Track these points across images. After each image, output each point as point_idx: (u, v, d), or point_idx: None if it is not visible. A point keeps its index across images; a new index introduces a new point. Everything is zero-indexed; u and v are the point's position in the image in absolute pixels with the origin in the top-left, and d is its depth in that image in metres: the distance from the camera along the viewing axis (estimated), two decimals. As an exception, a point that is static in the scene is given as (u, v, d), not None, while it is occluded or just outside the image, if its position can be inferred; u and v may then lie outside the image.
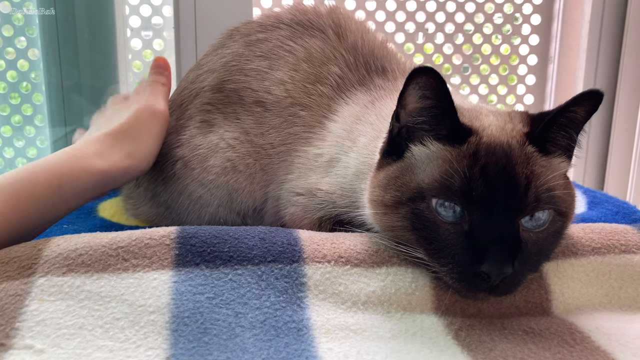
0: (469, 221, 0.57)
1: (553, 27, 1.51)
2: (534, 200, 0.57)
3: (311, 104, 0.83)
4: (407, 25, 1.46)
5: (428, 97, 0.59)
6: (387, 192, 0.62)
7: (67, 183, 0.68)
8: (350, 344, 0.52)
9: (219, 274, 0.57)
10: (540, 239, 0.58)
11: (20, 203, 0.64)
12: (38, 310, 0.51)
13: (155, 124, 0.82)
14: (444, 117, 0.60)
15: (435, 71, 0.57)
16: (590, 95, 0.59)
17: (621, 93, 1.43)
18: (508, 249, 0.55)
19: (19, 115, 1.36)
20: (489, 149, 0.59)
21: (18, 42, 1.32)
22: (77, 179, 0.70)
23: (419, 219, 0.59)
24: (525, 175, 0.57)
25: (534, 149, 0.60)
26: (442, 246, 0.57)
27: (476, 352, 0.52)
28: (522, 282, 0.58)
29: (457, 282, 0.57)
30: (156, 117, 0.82)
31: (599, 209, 0.83)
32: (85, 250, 0.57)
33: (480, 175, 0.57)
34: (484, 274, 0.54)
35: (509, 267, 0.54)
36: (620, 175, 1.48)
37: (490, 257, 0.54)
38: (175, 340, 0.50)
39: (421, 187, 0.59)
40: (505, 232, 0.56)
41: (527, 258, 0.57)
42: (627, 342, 0.54)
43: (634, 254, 0.64)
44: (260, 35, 0.88)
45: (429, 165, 0.60)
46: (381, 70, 0.85)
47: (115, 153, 0.75)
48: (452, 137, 0.60)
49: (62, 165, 0.69)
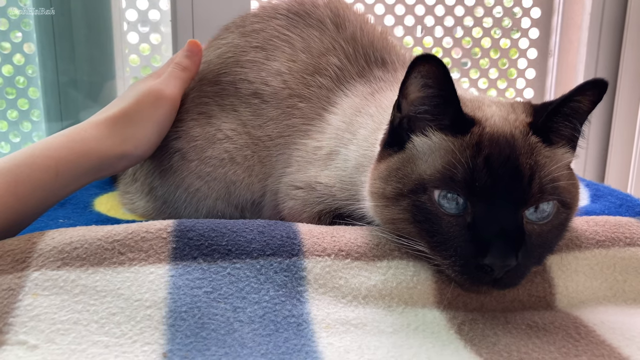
0: (472, 213, 0.56)
1: (553, 21, 1.50)
2: (538, 191, 0.56)
3: (310, 95, 0.82)
4: (406, 18, 1.45)
5: (430, 86, 0.58)
6: (388, 184, 0.61)
7: (64, 168, 0.68)
8: (351, 338, 0.51)
9: (217, 267, 0.56)
10: (545, 232, 0.58)
11: (19, 189, 0.63)
12: (32, 305, 0.50)
13: (159, 110, 0.79)
14: (446, 106, 0.59)
15: (438, 59, 0.56)
16: (594, 84, 0.58)
17: (622, 86, 1.43)
18: (512, 241, 0.54)
19: (15, 110, 1.35)
20: (492, 139, 0.58)
21: (14, 36, 1.30)
22: (75, 163, 0.69)
23: (421, 211, 0.58)
24: (529, 165, 0.56)
25: (538, 139, 0.59)
26: (445, 239, 0.56)
27: (479, 346, 0.51)
28: (526, 275, 0.57)
29: (460, 275, 0.56)
30: (160, 103, 0.79)
31: (602, 201, 0.82)
32: (81, 244, 0.56)
33: (484, 165, 0.56)
34: (487, 266, 0.54)
35: (512, 259, 0.53)
36: (621, 168, 1.47)
37: (494, 250, 0.53)
38: (172, 335, 0.49)
39: (423, 178, 0.58)
40: (509, 225, 0.55)
41: (531, 251, 0.56)
42: (632, 336, 0.53)
43: (638, 247, 0.63)
44: (256, 25, 0.87)
45: (431, 156, 0.59)
46: (381, 62, 0.83)
47: (113, 137, 0.74)
48: (454, 127, 0.59)
49: (60, 150, 0.68)
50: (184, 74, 0.83)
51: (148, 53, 1.40)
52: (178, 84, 0.82)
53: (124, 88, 1.39)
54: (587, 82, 0.58)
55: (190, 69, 0.84)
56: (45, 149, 0.67)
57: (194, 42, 0.85)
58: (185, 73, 0.83)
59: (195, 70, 0.85)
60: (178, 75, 0.82)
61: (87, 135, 0.72)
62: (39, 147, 0.67)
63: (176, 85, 0.81)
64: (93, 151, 0.71)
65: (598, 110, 1.45)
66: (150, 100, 0.78)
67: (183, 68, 0.83)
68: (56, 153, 0.68)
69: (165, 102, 0.79)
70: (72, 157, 0.69)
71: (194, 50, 0.85)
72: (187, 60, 0.84)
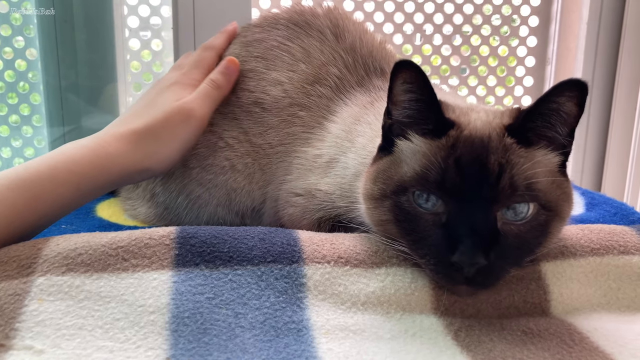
0: (446, 212, 0.57)
1: (551, 29, 1.52)
2: (509, 188, 0.56)
3: (310, 104, 0.83)
4: (406, 26, 1.46)
5: (412, 91, 0.60)
6: (375, 185, 0.63)
7: (85, 183, 0.67)
8: (349, 344, 0.52)
9: (219, 274, 0.57)
10: (522, 232, 0.58)
11: (39, 204, 0.63)
12: (37, 310, 0.51)
13: (186, 130, 0.76)
14: (428, 111, 0.61)
15: (415, 65, 0.58)
16: (570, 84, 0.57)
17: (618, 95, 1.44)
18: (481, 239, 0.55)
19: (16, 115, 1.36)
20: (467, 140, 0.59)
21: (16, 41, 1.31)
22: (97, 178, 0.68)
23: (401, 211, 0.59)
24: (499, 163, 0.57)
25: (513, 140, 0.59)
26: (421, 237, 0.58)
27: (475, 352, 0.52)
28: (503, 276, 0.58)
29: (435, 274, 0.57)
30: (189, 122, 0.76)
31: (597, 210, 0.83)
32: (85, 250, 0.57)
33: (454, 165, 0.57)
34: (457, 264, 0.54)
35: (479, 257, 0.54)
36: (617, 177, 1.48)
37: (462, 247, 0.54)
38: (175, 340, 0.50)
39: (403, 180, 0.60)
40: (480, 223, 0.55)
41: (507, 251, 0.57)
42: (625, 343, 0.54)
43: (632, 255, 0.64)
44: (258, 35, 0.88)
45: (412, 159, 0.61)
46: (380, 71, 0.85)
47: (137, 154, 0.72)
48: (435, 131, 0.61)
49: (84, 166, 0.67)
50: (217, 93, 0.81)
51: (149, 59, 1.41)
52: (210, 103, 0.79)
53: (126, 94, 1.40)
54: (562, 82, 0.58)
55: (224, 88, 0.81)
56: (68, 162, 0.66)
57: (232, 61, 0.83)
58: (218, 92, 0.81)
59: (228, 90, 0.83)
60: (211, 94, 0.80)
61: (112, 150, 0.70)
62: (62, 160, 0.66)
63: (208, 105, 0.79)
64: (115, 167, 0.70)
65: (595, 118, 1.47)
66: (180, 119, 0.76)
67: (217, 86, 0.81)
68: (79, 168, 0.67)
69: (194, 122, 0.77)
70: (95, 172, 0.68)
71: (232, 69, 0.82)
72: (222, 78, 0.81)
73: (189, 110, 0.76)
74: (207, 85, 0.80)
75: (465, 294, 0.59)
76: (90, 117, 1.38)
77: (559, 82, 0.58)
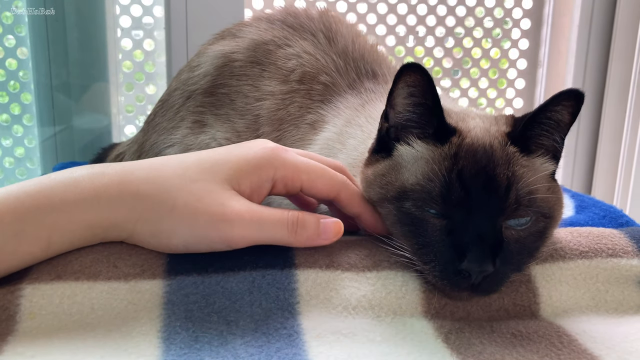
0: (453, 222, 0.57)
1: (542, 32, 1.53)
2: (515, 202, 0.57)
3: (302, 106, 0.83)
4: (398, 28, 1.47)
5: (416, 95, 0.60)
6: (372, 189, 0.63)
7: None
8: (340, 347, 0.52)
9: (210, 280, 0.56)
10: (522, 237, 0.59)
11: (52, 242, 0.55)
12: (27, 318, 0.51)
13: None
14: (430, 115, 0.61)
15: (423, 68, 0.58)
16: (569, 94, 0.59)
17: (609, 97, 1.45)
18: (489, 248, 0.56)
19: (6, 114, 1.35)
20: (469, 150, 0.59)
21: (6, 40, 1.30)
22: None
23: (406, 215, 0.59)
24: (507, 177, 0.58)
25: (516, 149, 0.60)
26: (427, 242, 0.58)
27: (465, 355, 0.52)
28: (505, 281, 0.59)
29: (440, 281, 0.57)
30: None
31: (587, 213, 0.84)
32: (75, 257, 0.56)
33: (458, 178, 0.57)
34: (465, 271, 0.55)
35: (489, 265, 0.55)
36: (607, 180, 1.49)
37: (471, 256, 0.55)
38: (167, 347, 0.50)
39: (405, 186, 0.60)
40: (487, 232, 0.56)
41: (510, 257, 0.58)
42: (613, 345, 0.55)
43: (620, 258, 0.65)
44: (253, 36, 0.88)
45: (413, 165, 0.61)
46: (371, 74, 0.85)
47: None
48: (437, 137, 0.61)
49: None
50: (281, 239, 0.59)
51: (141, 59, 1.41)
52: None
53: (117, 93, 1.40)
54: (562, 92, 0.59)
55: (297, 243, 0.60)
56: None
57: (339, 225, 0.60)
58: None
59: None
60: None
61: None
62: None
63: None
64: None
65: (585, 121, 1.48)
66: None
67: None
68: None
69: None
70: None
71: (333, 232, 0.60)
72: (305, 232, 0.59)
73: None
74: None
75: (465, 299, 0.59)
76: (81, 117, 1.37)
77: (558, 92, 0.59)
